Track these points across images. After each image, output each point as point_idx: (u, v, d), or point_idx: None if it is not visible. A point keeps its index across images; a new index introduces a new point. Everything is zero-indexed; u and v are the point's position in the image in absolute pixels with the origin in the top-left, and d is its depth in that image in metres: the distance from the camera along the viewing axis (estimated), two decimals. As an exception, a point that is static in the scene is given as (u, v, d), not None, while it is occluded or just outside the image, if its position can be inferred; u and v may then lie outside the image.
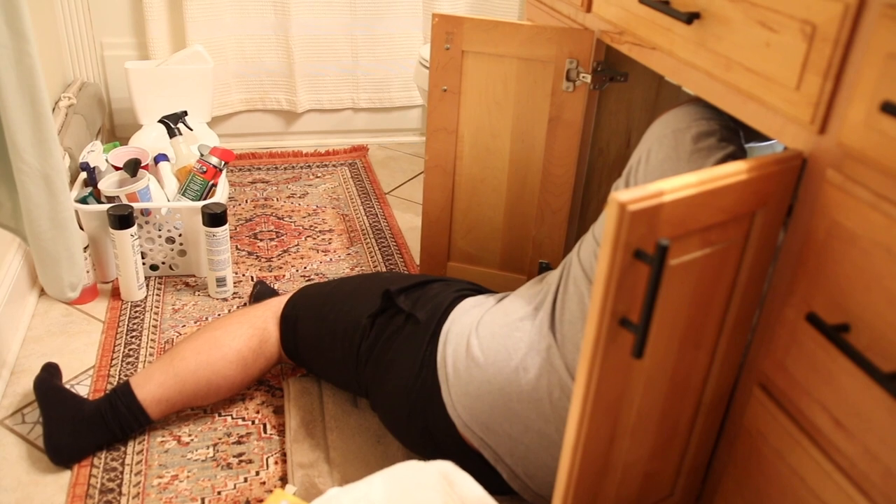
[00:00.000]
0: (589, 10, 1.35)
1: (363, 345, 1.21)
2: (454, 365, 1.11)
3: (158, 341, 1.63)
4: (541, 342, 1.08)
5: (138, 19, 2.43)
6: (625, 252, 0.69)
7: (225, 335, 1.35)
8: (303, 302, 1.36)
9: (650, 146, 1.09)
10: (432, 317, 1.16)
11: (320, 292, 1.36)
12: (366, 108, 2.74)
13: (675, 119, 1.08)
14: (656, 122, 1.12)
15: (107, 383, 1.49)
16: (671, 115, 1.10)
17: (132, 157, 1.85)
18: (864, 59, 0.74)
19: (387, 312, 1.20)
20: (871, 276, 0.75)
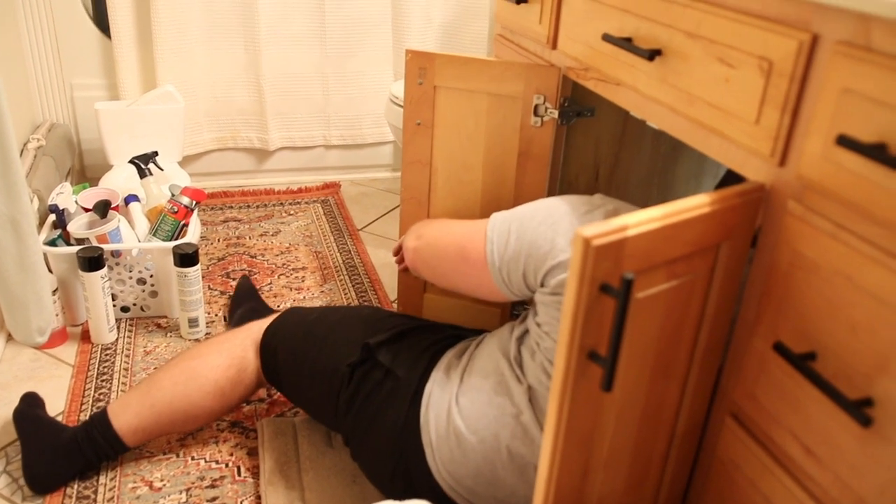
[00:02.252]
0: (555, 47, 1.37)
1: (343, 394, 1.20)
2: (437, 431, 1.11)
3: (129, 384, 1.60)
4: (521, 413, 1.07)
5: (108, 60, 2.43)
6: (591, 286, 0.69)
7: (202, 365, 1.33)
8: (282, 332, 1.34)
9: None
10: (412, 375, 1.16)
11: (300, 323, 1.34)
12: (338, 144, 2.75)
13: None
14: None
15: (76, 428, 1.46)
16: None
17: (102, 198, 1.84)
18: (820, 94, 0.76)
19: (366, 363, 1.19)
20: (834, 305, 0.76)
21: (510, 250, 1.08)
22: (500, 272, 1.10)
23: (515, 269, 1.07)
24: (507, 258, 1.08)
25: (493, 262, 1.10)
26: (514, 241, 1.07)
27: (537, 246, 1.04)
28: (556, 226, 1.04)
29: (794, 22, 0.80)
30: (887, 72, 0.68)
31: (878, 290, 0.71)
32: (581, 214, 1.05)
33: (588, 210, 1.06)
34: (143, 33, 2.39)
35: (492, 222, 1.12)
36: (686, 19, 0.96)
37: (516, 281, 1.08)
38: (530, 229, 1.06)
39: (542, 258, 1.03)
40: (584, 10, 1.24)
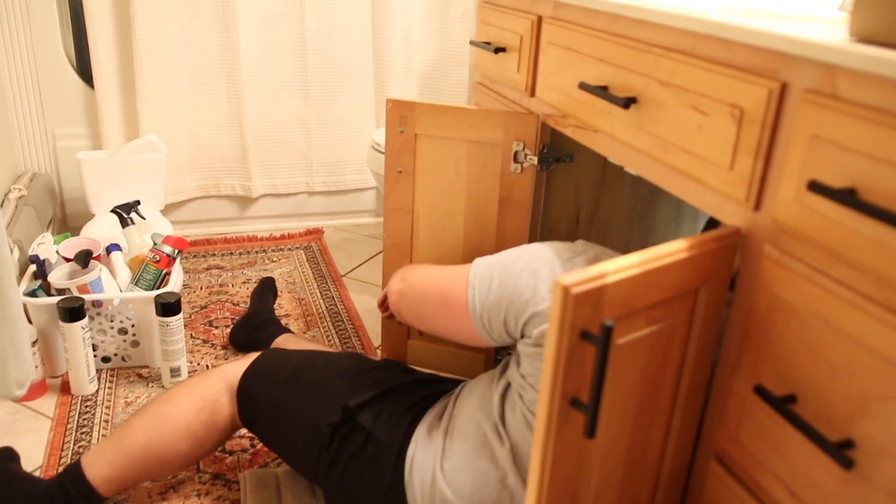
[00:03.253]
0: (533, 95, 1.40)
1: (324, 455, 1.19)
2: (422, 496, 1.10)
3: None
4: (507, 475, 1.06)
5: (91, 110, 2.45)
6: (571, 333, 0.70)
7: (174, 410, 1.30)
8: (260, 381, 1.32)
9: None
10: (394, 439, 1.14)
11: (279, 373, 1.31)
12: (320, 191, 2.77)
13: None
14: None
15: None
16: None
17: (83, 248, 1.83)
18: (791, 141, 0.78)
19: (347, 425, 1.18)
20: (813, 348, 0.77)
21: (492, 297, 1.08)
22: (482, 318, 1.10)
23: (497, 315, 1.07)
24: (489, 304, 1.08)
25: (475, 308, 1.10)
26: (496, 288, 1.07)
27: (519, 293, 1.04)
28: (537, 273, 1.04)
29: (763, 71, 0.83)
30: (853, 119, 0.70)
31: (854, 332, 0.72)
32: (563, 261, 1.05)
33: (570, 257, 1.07)
34: (126, 83, 2.41)
35: (474, 268, 1.12)
36: (659, 68, 0.99)
37: (497, 327, 1.08)
38: (513, 276, 1.06)
39: (524, 305, 1.03)
40: (560, 59, 1.27)
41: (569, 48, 1.24)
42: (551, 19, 1.31)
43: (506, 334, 1.09)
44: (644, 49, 1.02)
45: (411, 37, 2.62)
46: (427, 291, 1.20)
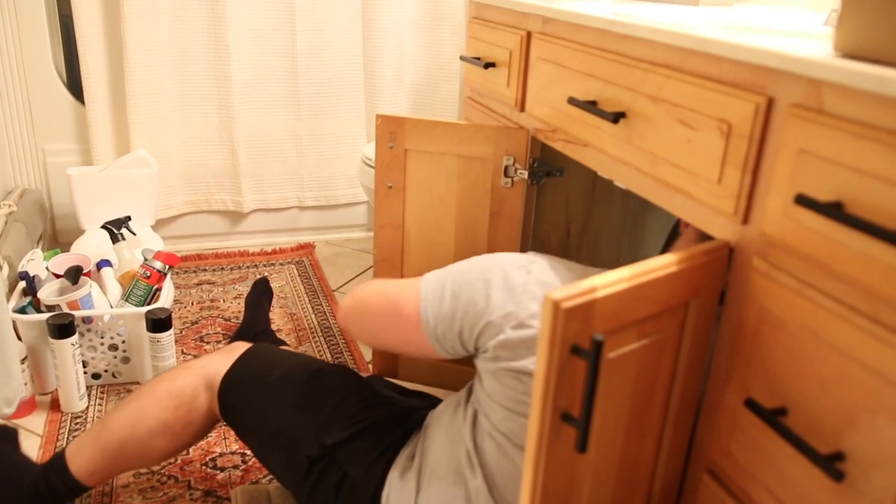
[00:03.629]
0: (523, 110, 1.40)
1: (301, 485, 1.18)
2: None
3: (100, 454, 1.57)
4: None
5: (81, 125, 2.44)
6: (561, 348, 0.70)
7: (150, 406, 1.30)
8: (240, 389, 1.29)
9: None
10: (369, 481, 1.13)
11: (260, 384, 1.28)
12: (311, 206, 2.77)
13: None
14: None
15: (44, 501, 1.43)
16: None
17: (73, 264, 1.83)
18: (778, 155, 0.78)
19: (325, 459, 1.16)
20: (802, 360, 0.77)
21: (445, 308, 1.06)
22: (435, 331, 1.07)
23: (450, 327, 1.05)
24: (442, 316, 1.06)
25: (428, 321, 1.07)
26: (448, 299, 1.05)
27: (473, 303, 1.02)
28: (490, 282, 1.03)
29: (750, 86, 0.83)
30: (839, 133, 0.70)
31: (843, 344, 0.72)
32: (517, 268, 1.04)
33: (522, 265, 1.05)
34: (116, 98, 2.41)
35: (425, 280, 1.11)
36: (648, 83, 1.00)
37: (451, 339, 1.06)
38: (466, 286, 1.04)
39: (478, 315, 1.02)
40: (549, 75, 1.28)
41: (558, 63, 1.24)
42: (540, 35, 1.31)
43: (460, 346, 1.07)
44: (632, 64, 1.03)
45: (402, 52, 2.64)
46: (375, 306, 1.16)
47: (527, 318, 0.98)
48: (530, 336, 0.97)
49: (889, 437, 0.68)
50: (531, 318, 0.98)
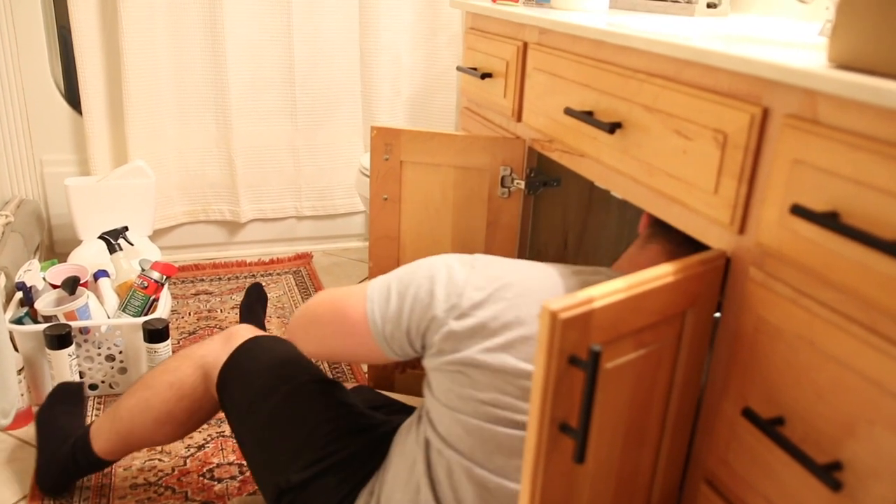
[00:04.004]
0: (519, 120, 1.41)
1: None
2: None
3: (96, 465, 1.56)
4: None
5: (79, 136, 2.45)
6: (559, 359, 0.70)
7: (154, 398, 1.35)
8: (228, 390, 1.28)
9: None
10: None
11: (244, 391, 1.25)
12: (309, 215, 2.77)
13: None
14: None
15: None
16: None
17: (70, 274, 1.83)
18: (773, 165, 0.79)
19: (292, 492, 1.13)
20: (799, 370, 0.77)
21: (392, 307, 1.04)
22: (383, 331, 1.05)
23: (398, 325, 1.04)
24: (389, 316, 1.05)
25: (375, 321, 1.06)
26: (395, 298, 1.05)
27: (419, 299, 1.02)
28: (435, 277, 1.02)
29: (745, 96, 0.84)
30: (834, 143, 0.71)
31: (839, 354, 0.72)
32: (461, 265, 1.04)
33: (467, 262, 1.05)
34: (114, 109, 2.42)
35: (371, 283, 1.10)
36: (643, 93, 1.00)
37: (399, 338, 1.05)
38: (412, 284, 1.04)
39: (424, 311, 1.01)
40: (546, 85, 1.28)
41: (554, 74, 1.25)
42: (537, 45, 1.32)
43: (408, 345, 1.05)
44: (628, 75, 1.04)
45: (399, 63, 2.64)
46: (322, 314, 1.15)
47: (469, 308, 0.98)
48: (472, 325, 0.97)
49: (887, 446, 0.68)
50: (473, 307, 0.97)
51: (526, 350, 0.95)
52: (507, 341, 0.95)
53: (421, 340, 1.03)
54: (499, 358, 0.95)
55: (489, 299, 0.97)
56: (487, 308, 0.97)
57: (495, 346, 0.95)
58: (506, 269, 1.02)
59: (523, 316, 0.96)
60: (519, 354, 0.95)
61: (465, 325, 0.97)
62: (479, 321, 0.97)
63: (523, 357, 0.95)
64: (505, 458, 0.98)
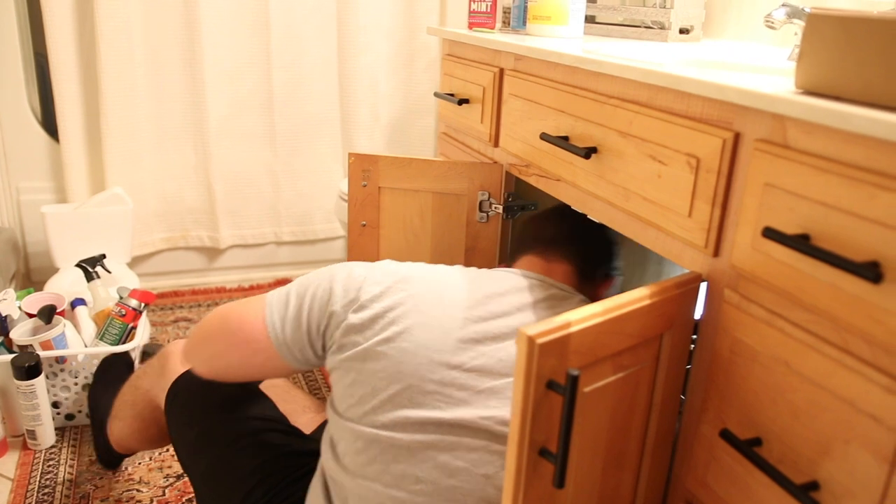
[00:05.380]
0: (497, 145, 1.42)
1: None
2: None
3: (73, 497, 1.54)
4: None
5: (56, 163, 2.43)
6: (537, 384, 0.70)
7: (124, 422, 1.47)
8: (171, 431, 1.26)
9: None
10: None
11: (184, 434, 1.22)
12: (289, 241, 2.76)
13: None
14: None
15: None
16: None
17: (47, 303, 1.81)
18: (746, 189, 0.80)
19: None
20: (775, 391, 0.78)
21: (291, 310, 1.02)
22: (283, 336, 1.02)
23: (298, 327, 1.02)
24: (289, 318, 1.02)
25: (274, 325, 1.03)
26: (294, 300, 1.03)
27: (317, 298, 1.01)
28: (334, 278, 1.02)
29: (717, 121, 0.85)
30: (804, 167, 0.72)
31: (813, 374, 0.73)
32: (360, 265, 1.04)
33: (366, 263, 1.05)
34: (91, 135, 2.41)
35: (269, 294, 1.07)
36: (618, 119, 1.01)
37: (299, 341, 1.02)
38: (310, 286, 1.03)
39: (323, 308, 1.00)
40: (522, 111, 1.30)
41: (530, 99, 1.26)
42: (512, 72, 1.34)
43: (309, 348, 1.02)
44: (602, 100, 1.05)
45: (377, 88, 2.66)
46: (219, 329, 1.09)
47: (367, 300, 0.98)
48: (370, 316, 0.97)
49: (861, 465, 0.69)
50: (371, 300, 0.97)
51: (423, 336, 0.95)
52: (404, 328, 0.95)
53: (322, 340, 1.02)
54: (397, 346, 0.95)
55: (387, 291, 0.98)
56: (385, 299, 0.97)
57: (393, 335, 0.95)
58: (407, 265, 1.04)
59: (421, 305, 0.97)
60: (417, 340, 0.95)
61: (362, 316, 0.97)
62: (376, 312, 0.97)
63: (422, 342, 0.94)
64: (403, 465, 0.94)
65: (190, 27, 2.38)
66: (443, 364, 0.94)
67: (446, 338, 0.95)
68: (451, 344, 0.95)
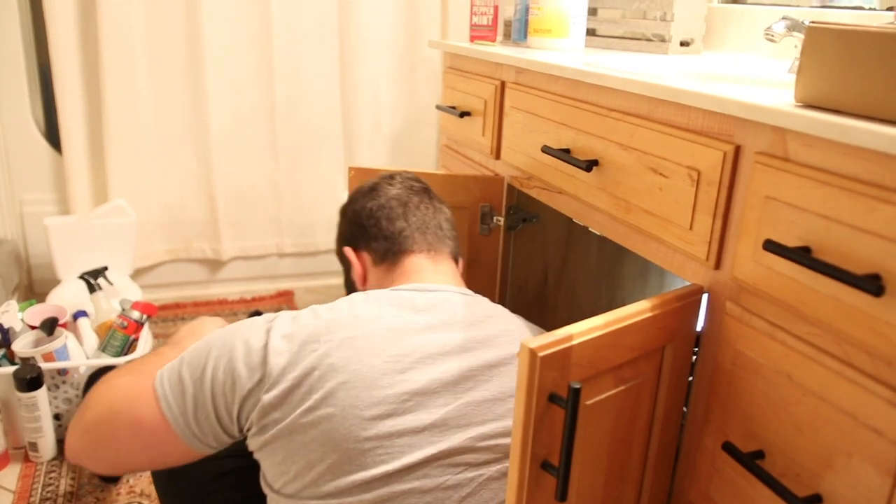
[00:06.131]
0: (498, 158, 1.43)
1: None
2: None
3: (74, 509, 1.54)
4: None
5: (59, 175, 2.44)
6: (539, 397, 0.70)
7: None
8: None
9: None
10: None
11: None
12: (291, 252, 2.76)
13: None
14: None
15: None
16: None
17: (49, 315, 1.81)
18: (746, 201, 0.80)
19: None
20: (778, 403, 0.78)
21: (189, 399, 0.93)
22: (189, 427, 0.93)
23: (206, 417, 0.93)
24: (191, 408, 0.93)
25: (176, 419, 0.93)
26: (191, 387, 0.93)
27: (221, 382, 0.92)
28: (233, 355, 0.92)
29: (717, 134, 0.86)
30: (804, 180, 0.72)
31: (816, 387, 0.73)
32: (255, 332, 0.94)
33: (261, 326, 0.95)
34: (94, 147, 2.41)
35: (159, 378, 0.96)
36: (619, 132, 1.02)
37: (210, 429, 0.93)
38: (207, 369, 0.93)
39: (230, 394, 0.91)
40: (523, 124, 1.30)
41: (531, 112, 1.27)
42: (514, 84, 1.34)
43: (223, 433, 0.94)
44: (604, 113, 1.06)
45: (379, 100, 2.67)
46: (109, 428, 0.97)
47: (277, 375, 0.89)
48: (285, 389, 0.89)
49: (864, 478, 0.69)
50: (281, 373, 0.89)
51: (347, 395, 0.88)
52: (325, 393, 0.88)
53: (237, 424, 0.93)
54: (322, 413, 0.87)
55: (295, 359, 0.90)
56: (296, 368, 0.89)
57: (315, 403, 0.88)
58: (306, 322, 0.94)
59: (337, 364, 0.89)
60: (342, 401, 0.87)
61: (276, 392, 0.89)
62: (291, 383, 0.89)
63: (348, 403, 0.87)
64: None
65: (193, 39, 2.39)
66: (375, 418, 0.87)
67: (372, 389, 0.88)
68: (378, 394, 0.88)
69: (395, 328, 0.93)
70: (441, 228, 1.14)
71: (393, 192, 1.16)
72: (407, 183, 1.19)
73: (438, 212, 1.16)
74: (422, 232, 1.12)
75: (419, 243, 1.11)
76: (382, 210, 1.14)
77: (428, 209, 1.15)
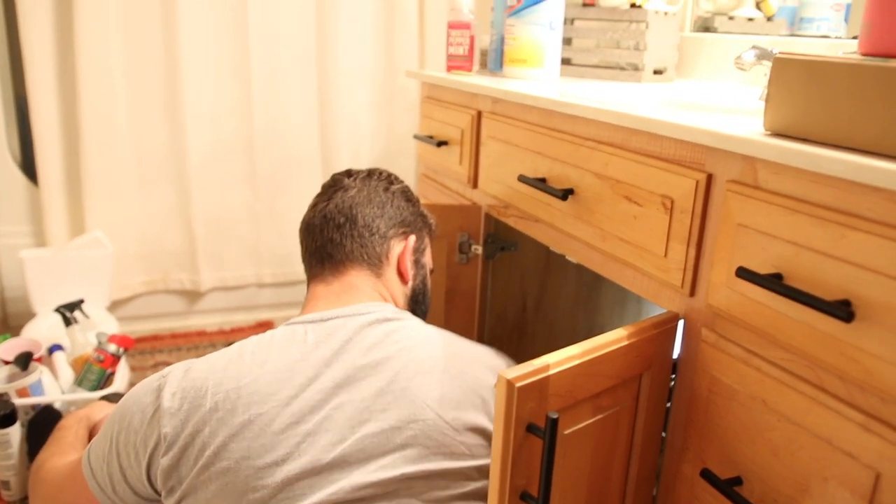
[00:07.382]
0: (475, 187, 1.43)
1: None
2: None
3: (48, 548, 1.50)
4: None
5: (35, 207, 2.42)
6: (517, 427, 0.70)
7: None
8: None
9: None
10: None
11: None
12: (270, 283, 2.75)
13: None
14: None
15: None
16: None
17: (23, 349, 1.78)
18: (719, 229, 0.81)
19: None
20: (754, 429, 0.79)
21: (120, 485, 0.96)
22: (114, 500, 0.98)
23: (122, 489, 0.96)
24: (115, 482, 0.97)
25: (109, 498, 0.98)
26: (104, 466, 0.97)
27: (126, 455, 0.95)
28: (130, 426, 0.94)
29: (689, 163, 0.87)
30: (774, 207, 0.73)
31: (791, 412, 0.74)
32: (145, 396, 0.94)
33: (152, 387, 0.95)
34: (71, 179, 2.40)
35: (84, 457, 1.01)
36: (594, 161, 1.03)
37: (131, 499, 0.97)
38: (113, 448, 0.96)
39: (137, 467, 0.94)
40: (500, 153, 1.31)
41: (508, 142, 1.28)
42: (490, 114, 1.35)
43: (150, 490, 0.95)
44: (578, 142, 1.07)
45: (358, 130, 2.68)
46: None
47: (171, 437, 0.90)
48: (179, 449, 0.89)
49: (840, 502, 0.69)
50: (175, 435, 0.90)
51: (238, 447, 0.88)
52: (217, 448, 0.88)
53: (153, 490, 0.94)
54: (217, 468, 0.88)
55: (186, 419, 0.90)
56: (187, 427, 0.89)
57: (209, 460, 0.88)
58: (199, 375, 0.94)
59: (225, 417, 0.89)
60: (234, 454, 0.87)
61: (172, 454, 0.90)
62: (184, 443, 0.89)
63: (240, 455, 0.87)
64: None
65: (171, 71, 2.39)
66: (270, 465, 0.87)
67: (262, 438, 0.88)
68: (269, 441, 0.88)
69: (284, 369, 0.92)
70: (371, 231, 1.11)
71: (319, 207, 1.18)
72: (345, 182, 1.20)
73: (376, 206, 1.15)
74: (319, 257, 1.10)
75: (314, 269, 1.10)
76: (304, 233, 1.17)
77: (349, 216, 1.13)
